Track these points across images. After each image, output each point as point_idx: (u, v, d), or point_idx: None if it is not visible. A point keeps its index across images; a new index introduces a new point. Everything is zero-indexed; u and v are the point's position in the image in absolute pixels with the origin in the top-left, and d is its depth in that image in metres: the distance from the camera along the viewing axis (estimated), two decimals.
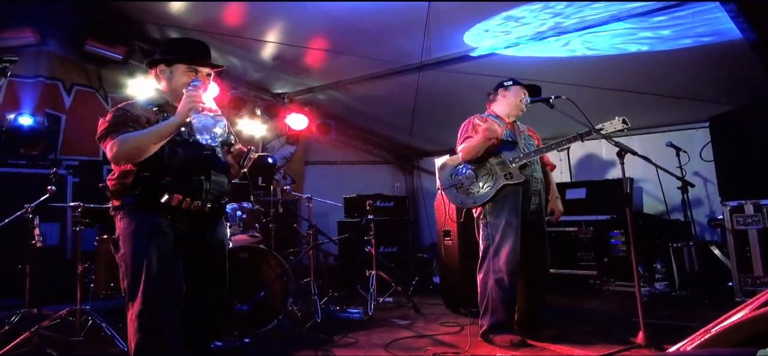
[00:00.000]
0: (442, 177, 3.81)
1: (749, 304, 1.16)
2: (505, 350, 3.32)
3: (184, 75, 2.42)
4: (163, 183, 2.30)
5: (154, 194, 2.29)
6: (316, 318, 4.22)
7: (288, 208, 5.89)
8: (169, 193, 2.30)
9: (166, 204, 2.30)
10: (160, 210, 2.30)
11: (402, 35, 4.51)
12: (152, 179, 2.29)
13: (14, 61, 2.32)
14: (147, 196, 2.29)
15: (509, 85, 3.77)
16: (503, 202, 3.54)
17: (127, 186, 2.30)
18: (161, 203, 2.29)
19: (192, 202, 2.35)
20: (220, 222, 2.61)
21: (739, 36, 3.81)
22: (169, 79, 2.44)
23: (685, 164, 5.19)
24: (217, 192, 2.47)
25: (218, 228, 2.57)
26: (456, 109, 5.43)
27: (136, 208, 2.30)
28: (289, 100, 6.57)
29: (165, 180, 2.31)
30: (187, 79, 2.40)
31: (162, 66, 2.45)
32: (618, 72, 4.76)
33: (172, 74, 2.44)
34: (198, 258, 2.44)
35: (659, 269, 5.16)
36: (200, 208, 2.39)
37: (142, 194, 2.29)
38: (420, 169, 8.43)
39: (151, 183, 2.29)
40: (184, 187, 2.34)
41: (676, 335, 1.64)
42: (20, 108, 5.18)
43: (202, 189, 2.40)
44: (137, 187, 2.29)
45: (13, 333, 3.57)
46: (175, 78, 2.43)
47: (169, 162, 2.32)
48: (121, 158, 2.24)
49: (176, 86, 2.42)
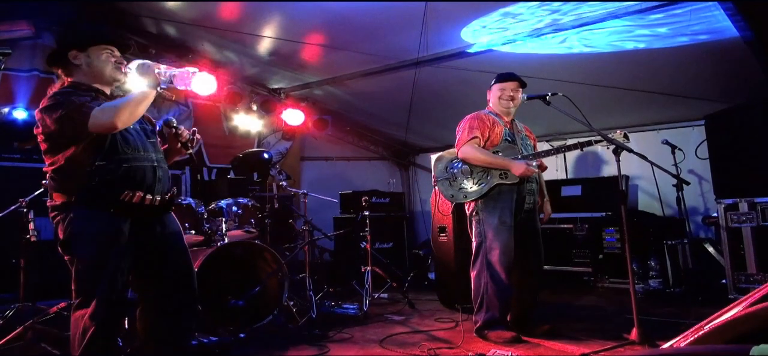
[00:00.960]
0: (437, 169, 3.82)
1: (743, 301, 1.16)
2: (500, 346, 3.33)
3: (102, 54, 2.36)
4: (120, 173, 2.21)
5: (113, 186, 2.19)
6: (311, 313, 4.22)
7: (284, 204, 5.87)
8: (129, 188, 2.21)
9: (127, 203, 2.21)
10: (119, 209, 2.20)
11: (399, 31, 4.50)
12: (109, 166, 2.19)
13: (8, 54, 2.30)
14: (104, 190, 2.18)
15: (491, 83, 3.80)
16: (497, 200, 3.55)
17: (83, 174, 2.18)
18: (121, 201, 2.20)
19: (153, 198, 2.30)
20: (170, 214, 2.52)
21: (735, 34, 3.82)
22: (87, 63, 2.35)
23: (681, 162, 5.21)
24: (165, 178, 2.42)
25: (169, 220, 2.48)
26: (453, 105, 5.44)
27: (93, 205, 2.18)
28: (285, 96, 6.55)
29: (123, 168, 2.22)
30: (107, 57, 2.35)
31: (74, 52, 2.35)
32: (615, 69, 4.77)
33: (89, 57, 2.35)
34: (160, 258, 2.38)
35: (653, 266, 5.18)
36: (159, 202, 2.34)
37: (98, 186, 2.17)
38: (416, 166, 8.43)
39: (109, 170, 2.19)
40: (140, 176, 2.27)
41: (670, 332, 1.65)
42: (15, 102, 5.14)
43: (155, 177, 2.34)
44: (93, 177, 2.17)
45: (7, 328, 3.56)
46: (93, 59, 2.35)
47: (123, 147, 2.25)
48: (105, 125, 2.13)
49: (98, 66, 2.35)
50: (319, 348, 3.47)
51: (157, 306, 2.39)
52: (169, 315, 2.39)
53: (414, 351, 3.35)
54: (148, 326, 2.40)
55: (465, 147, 3.61)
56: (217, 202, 4.28)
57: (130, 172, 2.25)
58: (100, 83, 2.39)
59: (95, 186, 2.17)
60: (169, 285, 2.40)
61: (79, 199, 2.19)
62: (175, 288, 2.41)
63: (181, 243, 2.49)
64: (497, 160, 3.55)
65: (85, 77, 2.37)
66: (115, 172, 2.21)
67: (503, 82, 3.72)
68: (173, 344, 2.41)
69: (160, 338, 2.39)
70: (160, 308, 2.39)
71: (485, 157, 3.56)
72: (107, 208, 2.20)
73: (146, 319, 2.40)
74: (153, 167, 2.35)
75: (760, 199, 4.42)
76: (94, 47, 2.37)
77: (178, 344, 2.43)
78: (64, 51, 2.37)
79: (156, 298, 2.39)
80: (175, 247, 2.46)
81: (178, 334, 2.43)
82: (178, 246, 2.47)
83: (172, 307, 2.39)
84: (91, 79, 2.37)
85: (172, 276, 2.41)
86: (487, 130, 3.63)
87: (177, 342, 2.42)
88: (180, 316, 2.42)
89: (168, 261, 2.42)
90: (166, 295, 2.39)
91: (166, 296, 2.39)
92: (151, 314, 2.40)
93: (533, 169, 3.50)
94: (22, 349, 3.42)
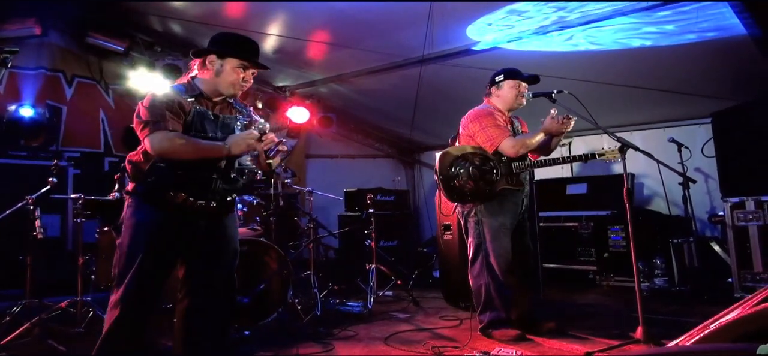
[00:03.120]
0: (441, 166, 3.65)
1: (749, 300, 1.15)
2: (505, 344, 3.33)
3: (234, 71, 2.46)
4: (176, 177, 2.33)
5: (164, 187, 2.32)
6: (316, 311, 4.23)
7: (288, 202, 5.88)
8: (176, 190, 2.33)
9: (171, 201, 2.33)
10: (165, 206, 2.33)
11: (404, 29, 4.49)
12: (166, 170, 2.32)
13: (15, 51, 2.33)
14: (157, 187, 2.32)
15: (500, 80, 3.64)
16: (502, 204, 3.53)
17: (144, 171, 2.34)
18: (166, 199, 2.32)
19: (196, 201, 2.38)
20: (230, 218, 2.60)
21: (743, 32, 3.79)
22: (217, 71, 2.46)
23: (687, 160, 5.18)
24: (226, 191, 2.50)
25: (227, 223, 2.57)
26: (458, 103, 5.41)
27: (144, 198, 2.34)
28: (290, 93, 6.57)
29: (178, 173, 2.33)
30: (236, 75, 2.45)
31: (213, 57, 2.47)
32: (621, 67, 4.74)
33: (223, 67, 2.46)
34: (204, 258, 2.47)
35: (659, 265, 5.15)
36: (204, 206, 2.41)
37: (153, 184, 2.33)
38: (421, 163, 8.42)
39: (164, 173, 2.32)
40: (194, 184, 2.37)
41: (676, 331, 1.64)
42: (21, 99, 5.17)
43: (211, 189, 2.42)
44: (151, 175, 2.33)
45: (14, 324, 3.58)
46: (224, 71, 2.46)
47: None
48: (158, 153, 2.28)
49: (223, 79, 2.46)
50: (323, 345, 3.48)
51: (196, 306, 2.46)
52: (207, 318, 2.46)
53: (418, 349, 3.34)
54: (183, 318, 2.48)
55: (507, 142, 3.46)
56: None
57: (184, 178, 2.35)
58: (214, 93, 2.51)
59: (150, 184, 2.33)
60: (211, 290, 2.48)
61: (137, 191, 2.36)
62: (215, 293, 2.49)
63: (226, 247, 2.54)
64: (537, 135, 3.47)
65: (207, 81, 2.49)
66: (169, 177, 2.32)
67: (516, 78, 3.61)
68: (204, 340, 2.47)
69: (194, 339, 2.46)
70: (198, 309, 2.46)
71: (531, 141, 3.47)
72: (156, 204, 2.33)
73: (183, 311, 2.48)
74: (212, 178, 2.42)
75: (767, 198, 4.39)
76: (231, 59, 2.46)
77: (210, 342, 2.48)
78: (207, 52, 2.49)
79: (196, 299, 2.47)
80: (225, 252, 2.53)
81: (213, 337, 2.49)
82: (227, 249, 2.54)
83: (211, 311, 2.47)
84: (210, 85, 2.49)
85: (215, 282, 2.49)
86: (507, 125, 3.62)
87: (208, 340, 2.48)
88: (218, 320, 2.50)
89: (212, 261, 2.49)
90: (205, 297, 2.47)
91: (206, 298, 2.47)
92: (187, 307, 2.47)
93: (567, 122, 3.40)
94: (28, 346, 3.44)
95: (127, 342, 2.26)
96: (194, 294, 2.47)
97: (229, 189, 2.52)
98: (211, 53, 2.48)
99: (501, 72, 3.67)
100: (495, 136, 3.50)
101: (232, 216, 2.64)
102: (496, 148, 3.50)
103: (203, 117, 2.42)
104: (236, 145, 2.35)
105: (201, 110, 2.42)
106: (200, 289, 2.47)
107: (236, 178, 2.54)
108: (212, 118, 2.45)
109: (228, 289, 2.54)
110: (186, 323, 2.46)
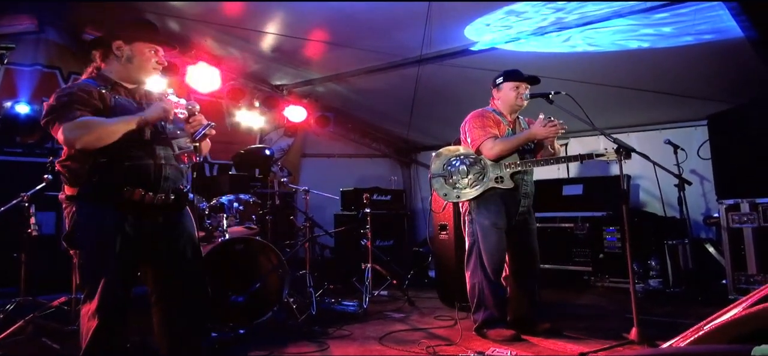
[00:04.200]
0: (435, 165, 3.80)
1: (743, 302, 1.16)
2: (499, 344, 3.33)
3: (144, 53, 2.37)
4: (122, 170, 2.20)
5: (113, 183, 2.19)
6: (311, 310, 4.22)
7: (285, 200, 5.88)
8: (129, 185, 2.21)
9: (128, 199, 2.20)
10: (122, 204, 2.20)
11: (402, 28, 4.49)
12: (110, 164, 2.19)
13: (11, 48, 2.31)
14: (106, 186, 2.19)
15: (500, 82, 3.67)
16: (490, 203, 3.55)
17: (84, 172, 2.19)
18: (122, 198, 2.20)
19: (155, 196, 2.27)
20: (185, 214, 2.49)
21: (740, 34, 3.81)
22: (128, 57, 2.35)
23: (683, 162, 5.20)
24: (176, 176, 2.39)
25: (184, 221, 2.46)
26: (455, 103, 5.42)
27: (95, 200, 2.19)
28: (287, 92, 6.55)
29: (125, 164, 2.21)
30: (149, 57, 2.37)
31: (119, 43, 2.35)
32: (618, 68, 4.75)
33: (132, 52, 2.36)
34: (168, 257, 2.37)
35: (654, 266, 5.17)
36: (163, 201, 2.31)
37: (99, 183, 2.18)
38: (418, 163, 8.42)
39: (109, 169, 2.19)
40: (144, 174, 2.25)
41: (670, 332, 1.65)
42: (17, 96, 5.14)
43: (161, 176, 2.30)
44: (95, 174, 2.18)
45: (8, 322, 3.57)
46: (135, 57, 2.36)
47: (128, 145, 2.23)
48: (78, 144, 2.13)
49: (136, 65, 2.36)
50: (318, 344, 3.47)
51: (169, 302, 2.38)
52: (180, 312, 2.38)
53: (413, 349, 3.35)
54: (160, 321, 2.40)
55: (487, 143, 3.51)
56: (218, 198, 4.28)
57: (132, 170, 2.23)
58: (128, 80, 2.40)
59: (96, 183, 2.18)
60: (179, 283, 2.39)
61: (83, 193, 2.20)
62: (185, 285, 2.40)
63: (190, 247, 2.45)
64: (520, 137, 3.52)
65: (117, 70, 2.37)
66: (115, 171, 2.20)
67: (516, 80, 3.61)
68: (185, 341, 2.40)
69: (172, 333, 2.39)
70: (171, 304, 2.38)
71: (510, 143, 3.51)
72: (109, 203, 2.19)
73: (159, 314, 2.40)
74: (159, 165, 2.30)
75: (762, 200, 4.42)
76: (140, 44, 2.37)
77: (190, 341, 2.42)
78: (110, 40, 2.36)
79: (167, 294, 2.38)
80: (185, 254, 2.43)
81: (189, 331, 2.42)
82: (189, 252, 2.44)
83: (184, 304, 2.39)
84: (122, 74, 2.38)
85: (182, 274, 2.40)
86: (494, 127, 3.62)
87: (189, 340, 2.42)
88: (191, 314, 2.41)
89: (177, 259, 2.40)
90: (176, 292, 2.38)
91: (177, 292, 2.38)
92: (163, 309, 2.39)
93: (555, 126, 3.40)
94: (22, 343, 3.43)
95: (110, 350, 2.16)
96: (165, 298, 2.37)
97: (177, 175, 2.40)
98: (117, 40, 2.35)
99: (501, 74, 3.71)
100: (477, 137, 3.57)
101: (187, 212, 2.52)
102: (476, 148, 3.58)
103: (125, 108, 2.29)
104: (153, 109, 2.24)
105: (122, 100, 2.30)
106: (171, 291, 2.37)
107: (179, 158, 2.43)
108: (136, 107, 2.34)
109: (198, 286, 2.45)
110: (164, 328, 2.38)
